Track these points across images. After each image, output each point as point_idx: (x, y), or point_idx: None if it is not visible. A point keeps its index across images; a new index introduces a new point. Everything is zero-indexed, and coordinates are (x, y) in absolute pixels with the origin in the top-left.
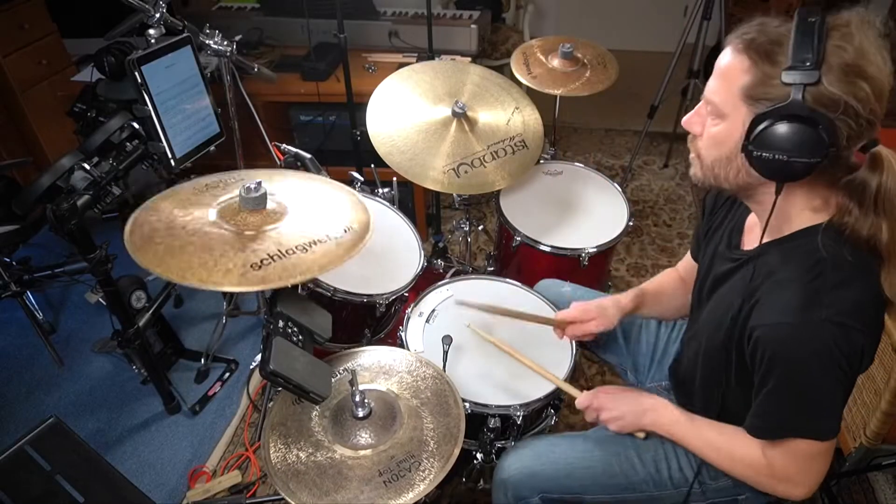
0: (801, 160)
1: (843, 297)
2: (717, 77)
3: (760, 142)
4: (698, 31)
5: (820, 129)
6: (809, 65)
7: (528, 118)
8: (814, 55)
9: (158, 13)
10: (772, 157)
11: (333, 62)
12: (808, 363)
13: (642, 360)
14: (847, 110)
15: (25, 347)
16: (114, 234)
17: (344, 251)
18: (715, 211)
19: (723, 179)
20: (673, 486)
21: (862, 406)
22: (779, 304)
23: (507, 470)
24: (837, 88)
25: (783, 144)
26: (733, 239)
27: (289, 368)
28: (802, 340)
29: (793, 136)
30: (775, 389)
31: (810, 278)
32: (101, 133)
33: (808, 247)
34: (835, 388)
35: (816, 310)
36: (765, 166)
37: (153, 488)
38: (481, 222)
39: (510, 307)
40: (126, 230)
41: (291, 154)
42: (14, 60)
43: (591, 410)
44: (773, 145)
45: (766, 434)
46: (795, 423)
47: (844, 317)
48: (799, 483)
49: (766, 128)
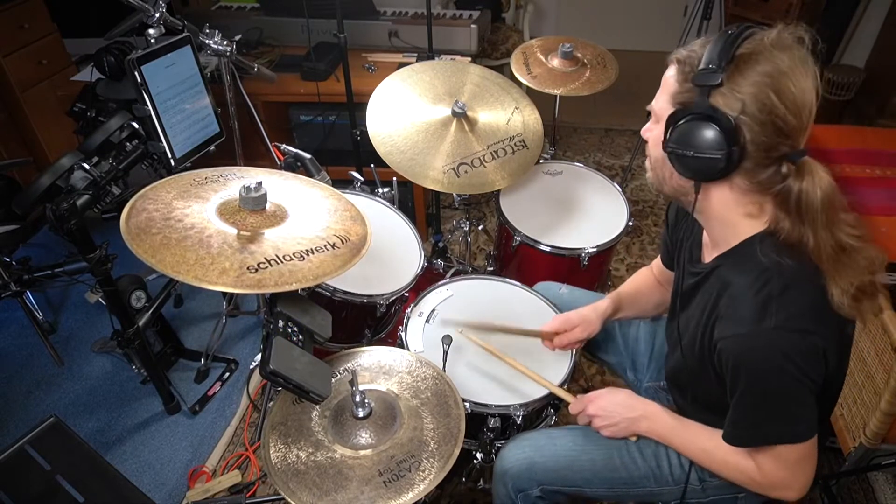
0: (706, 156)
1: (792, 302)
2: (660, 87)
3: (674, 139)
4: (698, 31)
5: (721, 127)
6: (714, 68)
7: (527, 118)
8: (719, 59)
9: (158, 13)
10: (682, 153)
11: (333, 62)
12: (769, 372)
13: (641, 360)
14: (748, 112)
15: (25, 347)
16: (114, 234)
17: (341, 263)
18: (678, 224)
19: (662, 181)
20: (673, 482)
21: (862, 406)
22: (734, 315)
23: (507, 461)
24: (741, 91)
25: (690, 140)
26: (694, 253)
27: (289, 368)
28: (759, 350)
29: (698, 133)
30: (742, 398)
31: (758, 287)
32: (101, 133)
33: (753, 257)
34: (800, 391)
35: (767, 319)
36: (679, 163)
37: (153, 488)
38: (481, 222)
39: (498, 321)
40: (122, 215)
41: (291, 154)
42: (14, 60)
43: (583, 416)
44: (681, 141)
45: (742, 442)
46: (771, 431)
47: (796, 321)
48: (789, 486)
49: (675, 125)
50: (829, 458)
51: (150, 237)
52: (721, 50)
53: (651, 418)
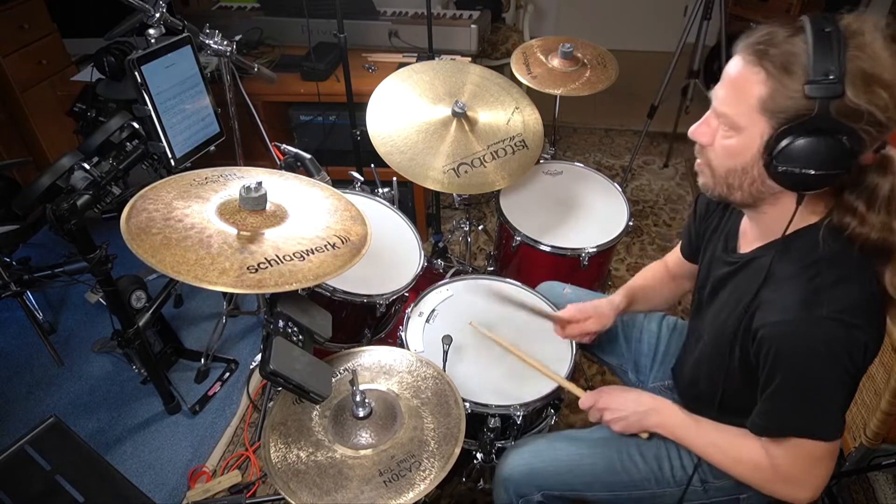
0: (827, 172)
1: (843, 295)
2: (728, 88)
3: (785, 156)
4: (698, 31)
5: (845, 141)
6: (833, 78)
7: (528, 118)
8: (836, 67)
9: (158, 13)
10: (798, 171)
11: (333, 62)
12: (811, 359)
13: (644, 360)
14: (869, 119)
15: (25, 347)
16: (114, 234)
17: (341, 263)
18: (708, 216)
19: (736, 189)
20: (675, 484)
21: (862, 406)
22: (780, 303)
23: (508, 467)
24: (859, 99)
25: (809, 158)
26: (729, 243)
27: (289, 368)
28: (804, 337)
29: (819, 149)
30: (780, 387)
31: (809, 276)
32: (101, 133)
33: (807, 246)
34: (838, 385)
35: (816, 307)
36: (788, 179)
37: (153, 488)
38: (481, 222)
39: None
40: (122, 216)
41: (291, 154)
42: (14, 60)
43: (594, 411)
44: (798, 159)
45: (769, 432)
46: (799, 422)
47: (845, 314)
48: (803, 485)
49: (791, 142)
50: None
51: (150, 237)
52: (833, 55)
53: (661, 413)
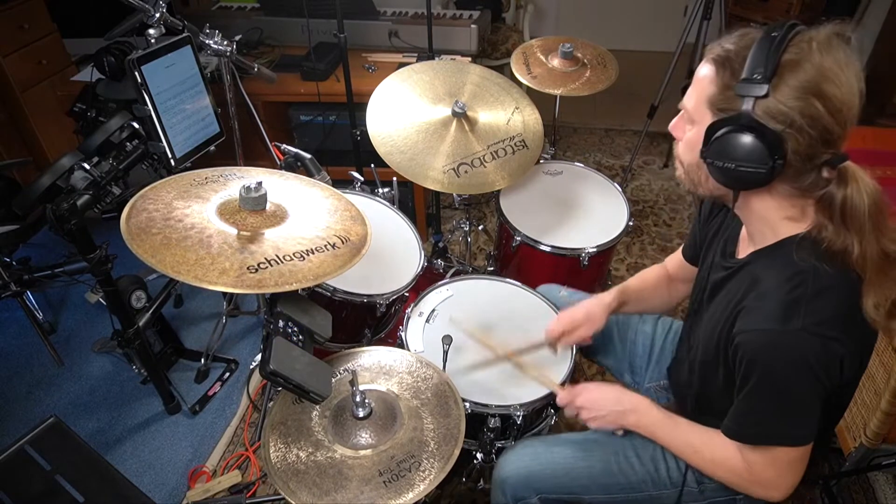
0: (749, 169)
1: (823, 307)
2: (693, 84)
3: (714, 150)
4: (698, 31)
5: (765, 141)
6: (760, 78)
7: (528, 118)
8: (765, 69)
9: (158, 13)
10: (722, 165)
11: (333, 62)
12: (785, 371)
13: (639, 362)
14: (794, 125)
15: (25, 347)
16: (114, 234)
17: (341, 263)
18: (711, 219)
19: (697, 183)
20: (672, 485)
21: (862, 406)
22: (760, 311)
23: (505, 470)
24: (787, 104)
25: (732, 153)
26: (728, 247)
27: (289, 368)
28: (780, 348)
29: (740, 145)
30: (751, 394)
31: (790, 287)
32: (101, 133)
33: (790, 257)
34: (811, 396)
35: (795, 319)
36: (719, 173)
37: (153, 488)
38: (481, 222)
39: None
40: (122, 216)
41: (291, 154)
42: (14, 60)
43: (571, 408)
44: (723, 153)
45: (741, 438)
46: (772, 431)
47: (823, 327)
48: (776, 486)
49: (717, 136)
50: (829, 459)
51: (150, 237)
52: (767, 56)
53: (639, 412)
